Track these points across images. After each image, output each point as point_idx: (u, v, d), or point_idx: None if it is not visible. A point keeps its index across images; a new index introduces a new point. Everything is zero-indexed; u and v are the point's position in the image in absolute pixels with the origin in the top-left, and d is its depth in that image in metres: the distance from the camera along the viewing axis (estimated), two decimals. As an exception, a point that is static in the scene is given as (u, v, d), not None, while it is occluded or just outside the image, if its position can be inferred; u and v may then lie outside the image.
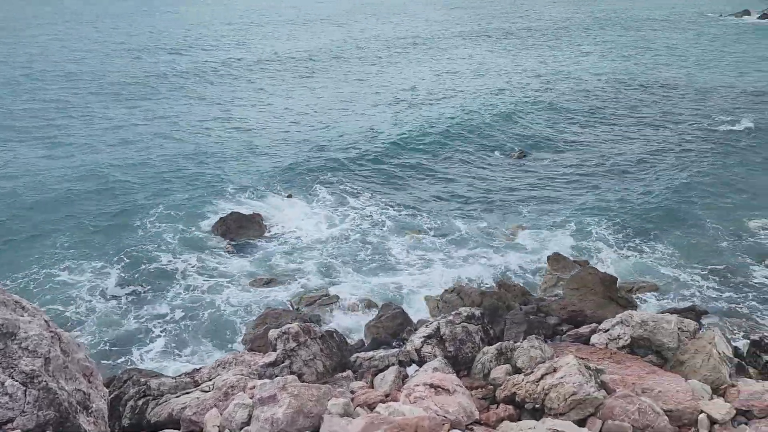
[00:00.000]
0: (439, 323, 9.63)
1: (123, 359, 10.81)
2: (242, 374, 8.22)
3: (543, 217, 15.88)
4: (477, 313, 10.00)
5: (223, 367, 8.82)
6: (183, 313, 12.02)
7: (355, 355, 9.51)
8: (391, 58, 42.39)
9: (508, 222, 15.67)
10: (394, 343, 10.28)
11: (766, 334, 10.00)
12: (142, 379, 8.47)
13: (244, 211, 16.02)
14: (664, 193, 17.43)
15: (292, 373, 8.32)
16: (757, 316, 11.39)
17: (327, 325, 11.04)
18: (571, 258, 13.70)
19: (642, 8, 79.83)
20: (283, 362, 8.52)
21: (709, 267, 13.18)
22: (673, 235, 14.62)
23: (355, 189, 18.06)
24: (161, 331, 11.49)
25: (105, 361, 10.68)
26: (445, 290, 11.94)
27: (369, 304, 12.24)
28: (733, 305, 11.79)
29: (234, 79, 34.34)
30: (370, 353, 9.43)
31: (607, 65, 39.43)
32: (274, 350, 8.71)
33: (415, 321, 11.02)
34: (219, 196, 17.25)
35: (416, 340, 9.52)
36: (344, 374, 8.85)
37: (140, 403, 8.06)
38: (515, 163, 20.58)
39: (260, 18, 68.69)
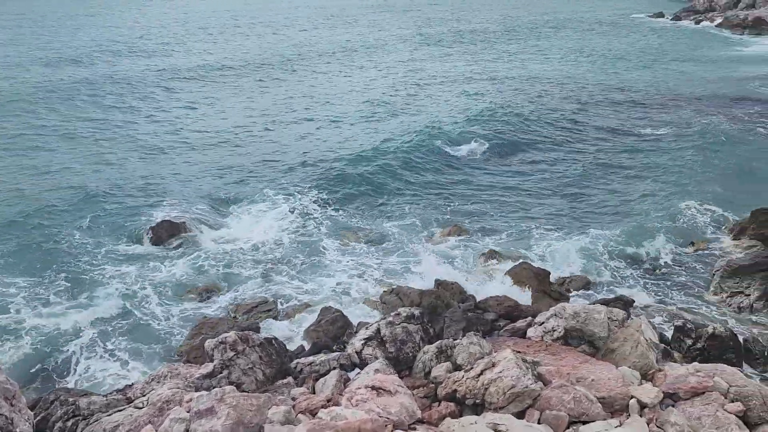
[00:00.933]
0: (379, 325, 9.65)
1: (50, 379, 10.27)
2: (178, 387, 7.96)
3: (483, 216, 16.16)
4: (416, 312, 10.07)
5: (157, 382, 8.51)
6: (113, 327, 11.54)
7: (295, 361, 9.41)
8: (340, 63, 42.19)
9: (448, 223, 15.85)
10: (334, 347, 10.21)
11: (688, 319, 10.52)
12: (71, 399, 8.07)
13: (179, 218, 15.59)
14: (593, 190, 18.10)
15: (230, 383, 8.14)
16: (681, 303, 11.95)
17: (266, 332, 10.83)
18: (506, 255, 14.01)
19: (563, 12, 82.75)
20: (221, 373, 8.32)
21: (636, 257, 13.75)
22: (601, 229, 15.18)
23: (296, 196, 17.86)
24: (91, 347, 10.99)
25: (30, 383, 10.13)
26: (384, 291, 11.98)
27: (308, 309, 12.12)
28: (658, 293, 12.33)
29: (165, 90, 33.30)
30: (311, 358, 9.35)
31: (542, 68, 40.62)
32: (211, 361, 8.50)
33: (355, 323, 10.99)
34: (154, 207, 16.67)
35: (357, 342, 9.50)
36: (285, 381, 8.73)
37: (69, 424, 7.68)
38: (467, 164, 20.87)
39: (187, 25, 67.01)
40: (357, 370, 9.21)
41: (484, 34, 57.21)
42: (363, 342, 9.38)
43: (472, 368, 8.34)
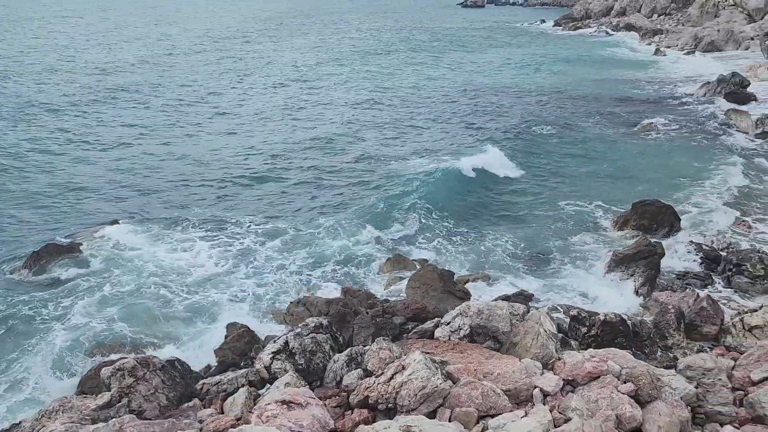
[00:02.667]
0: (287, 337, 9.48)
1: None
2: (72, 422, 7.42)
3: (383, 221, 16.28)
4: (324, 322, 9.99)
5: (48, 417, 7.89)
6: (-4, 363, 10.59)
7: (201, 381, 9.04)
8: (236, 63, 41.18)
9: (350, 227, 15.85)
10: (242, 364, 9.93)
11: (582, 308, 11.11)
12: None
13: (66, 241, 14.59)
14: (482, 190, 18.76)
15: (131, 411, 7.69)
16: (575, 293, 12.61)
17: (169, 353, 10.32)
18: (410, 258, 14.22)
19: (451, 21, 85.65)
20: (119, 401, 7.85)
21: (532, 253, 14.38)
22: (497, 228, 15.75)
23: (190, 210, 17.23)
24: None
25: None
26: (291, 303, 11.79)
27: (214, 326, 11.70)
28: (555, 285, 12.93)
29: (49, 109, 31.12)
30: (218, 377, 9.03)
31: (439, 75, 41.75)
32: (108, 390, 7.99)
33: (262, 337, 10.74)
34: (36, 229, 15.49)
35: (265, 357, 9.28)
36: (191, 404, 8.37)
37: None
38: (353, 167, 20.96)
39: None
40: (267, 385, 8.99)
41: (385, 53, 57.95)
42: (271, 356, 9.18)
43: (382, 373, 8.37)
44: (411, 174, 19.98)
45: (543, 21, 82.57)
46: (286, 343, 9.34)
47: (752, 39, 46.81)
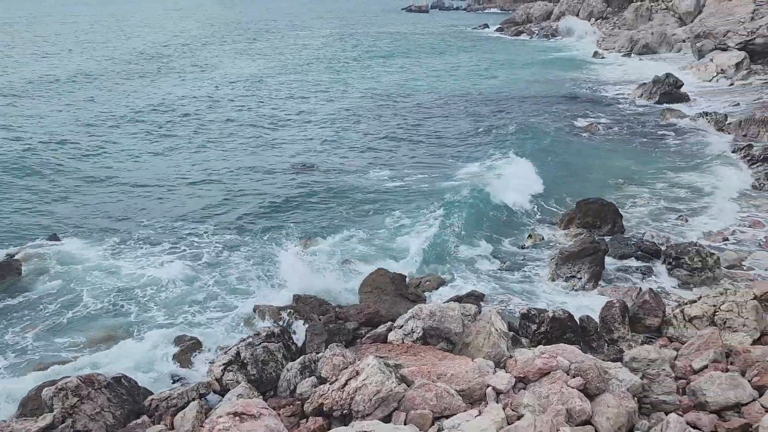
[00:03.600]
0: (238, 347, 9.33)
1: None
2: (12, 447, 7.09)
3: (331, 226, 16.21)
4: (276, 330, 9.88)
5: (-14, 444, 7.52)
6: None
7: (150, 397, 8.79)
8: (154, 74, 40.23)
9: (296, 234, 15.72)
10: (193, 376, 9.70)
11: (532, 306, 11.32)
12: None
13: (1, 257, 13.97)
14: (438, 190, 18.95)
15: (75, 432, 7.41)
16: (525, 291, 12.83)
17: (115, 370, 9.97)
18: (362, 262, 14.18)
19: (398, 26, 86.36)
20: (63, 423, 7.55)
21: (481, 253, 14.56)
22: (446, 229, 15.88)
23: (136, 222, 16.76)
24: None
25: None
26: (242, 312, 11.60)
27: (163, 340, 11.36)
28: (504, 285, 13.13)
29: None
30: (167, 392, 8.79)
31: (388, 79, 41.94)
32: (51, 411, 7.68)
33: (213, 349, 10.51)
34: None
35: (216, 369, 9.10)
36: (139, 421, 8.13)
37: None
38: (299, 173, 20.80)
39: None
40: (219, 397, 8.82)
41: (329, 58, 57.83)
42: (222, 367, 9.01)
43: (336, 379, 8.33)
44: (362, 180, 19.99)
45: (486, 26, 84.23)
46: (238, 353, 9.19)
47: (684, 41, 48.88)
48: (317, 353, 9.56)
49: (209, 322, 11.84)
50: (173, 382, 9.65)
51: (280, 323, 10.72)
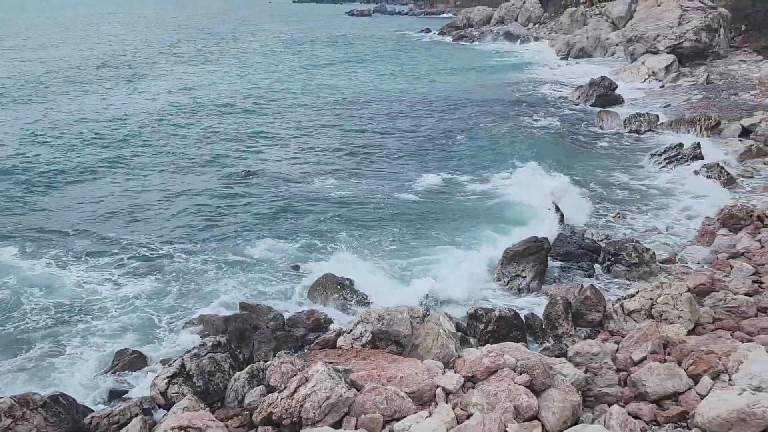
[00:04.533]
0: (183, 359, 9.10)
1: None
2: (-62, 475, 6.68)
3: (278, 234, 16.02)
4: (223, 340, 9.69)
5: None
6: None
7: (90, 415, 8.46)
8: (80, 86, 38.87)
9: (242, 242, 15.46)
10: (135, 391, 9.38)
11: (479, 306, 11.47)
12: None
13: None
14: (381, 195, 19.01)
15: (9, 456, 7.04)
16: (473, 291, 12.97)
17: (52, 388, 9.54)
18: (309, 268, 14.05)
19: (343, 30, 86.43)
20: (-6, 447, 7.16)
21: (431, 256, 14.67)
22: (395, 229, 15.95)
23: (76, 231, 16.13)
24: None
25: None
26: (187, 323, 11.31)
27: (103, 354, 10.95)
28: (452, 285, 13.21)
29: None
30: (108, 409, 8.49)
31: (330, 83, 41.80)
32: (-19, 435, 7.28)
33: (157, 362, 10.20)
34: None
35: (160, 382, 8.84)
36: (78, 441, 7.80)
37: None
38: (242, 181, 20.48)
39: None
40: (163, 412, 8.56)
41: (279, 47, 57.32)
42: (167, 380, 8.75)
43: (285, 387, 8.23)
44: (309, 187, 19.87)
45: (428, 30, 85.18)
46: (183, 365, 8.96)
47: (617, 45, 50.72)
48: (265, 362, 9.42)
49: (152, 335, 11.48)
50: (115, 399, 9.31)
51: (227, 333, 10.49)
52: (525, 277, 13.15)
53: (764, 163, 20.99)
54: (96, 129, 27.14)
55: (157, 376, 9.11)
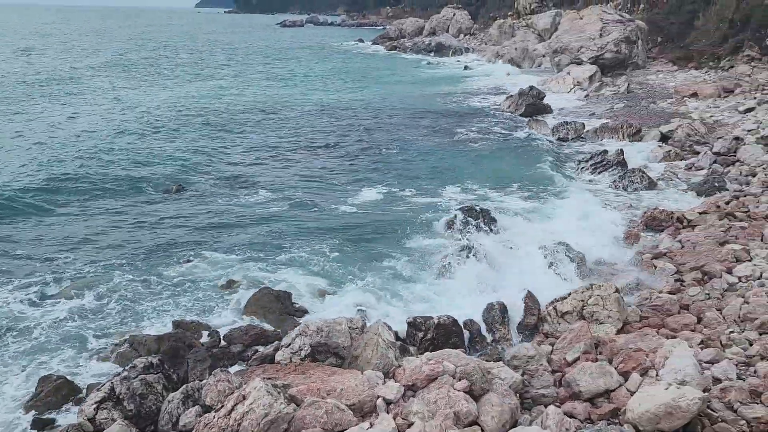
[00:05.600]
0: (112, 383, 8.70)
1: None
2: None
3: (212, 250, 15.63)
4: (155, 361, 9.33)
5: None
6: None
7: (10, 448, 7.94)
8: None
9: (175, 259, 15.00)
10: (62, 420, 8.90)
11: (417, 315, 11.52)
12: None
13: None
14: (319, 206, 18.89)
15: None
16: (412, 298, 13.02)
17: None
18: (246, 282, 13.78)
19: (276, 41, 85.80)
20: None
21: (368, 263, 14.65)
22: (335, 240, 15.86)
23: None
24: None
25: None
26: (116, 344, 10.84)
27: (24, 381, 10.33)
28: (391, 294, 13.25)
29: None
30: (31, 440, 8.00)
31: (252, 93, 41.30)
32: None
33: (84, 387, 9.71)
34: None
35: (88, 408, 8.43)
36: (-2, 476, 7.30)
37: None
38: (174, 197, 19.90)
39: None
40: (92, 439, 8.15)
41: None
42: (95, 406, 8.34)
43: (222, 406, 8.00)
44: (235, 200, 19.51)
45: (361, 40, 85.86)
46: (112, 389, 8.57)
47: (544, 56, 52.55)
48: (201, 381, 9.13)
49: (79, 358, 10.92)
50: (39, 429, 8.80)
51: (160, 353, 10.12)
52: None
53: (682, 168, 22.13)
54: (20, 146, 25.84)
55: (85, 401, 8.68)
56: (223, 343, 10.89)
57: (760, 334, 9.92)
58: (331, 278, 14.01)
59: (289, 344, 9.85)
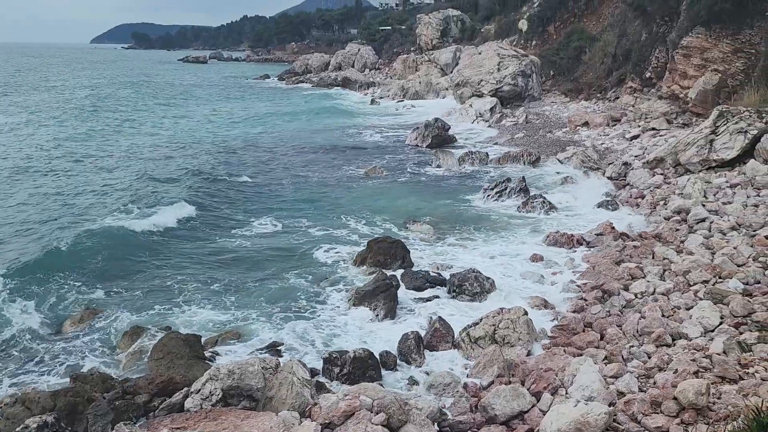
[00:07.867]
0: (0, 448, 7.90)
1: None
2: None
3: (110, 294, 14.79)
4: (50, 419, 8.64)
5: None
6: None
7: None
8: None
9: (74, 307, 14.05)
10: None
11: (333, 351, 11.37)
12: None
13: None
14: (220, 243, 18.40)
15: None
16: (325, 334, 12.83)
17: None
18: (152, 328, 13.10)
19: (179, 77, 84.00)
20: None
21: (278, 302, 14.34)
22: (247, 282, 15.45)
23: None
24: None
25: None
26: (5, 404, 9.91)
27: None
28: (304, 330, 12.98)
29: None
30: None
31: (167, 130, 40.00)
32: None
33: (-33, 456, 8.79)
34: None
35: (-29, 479, 7.59)
36: None
37: None
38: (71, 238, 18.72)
39: None
40: None
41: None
42: (-20, 476, 7.54)
43: (126, 463, 7.46)
44: (128, 239, 18.69)
45: (267, 76, 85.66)
46: (0, 455, 7.79)
47: (447, 89, 54.49)
48: (102, 437, 8.51)
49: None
50: None
51: (55, 410, 9.34)
52: (378, 314, 13.31)
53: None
54: None
55: (-32, 472, 7.84)
56: (127, 394, 10.21)
57: (657, 347, 10.52)
58: (241, 317, 13.59)
59: (199, 390, 9.40)
